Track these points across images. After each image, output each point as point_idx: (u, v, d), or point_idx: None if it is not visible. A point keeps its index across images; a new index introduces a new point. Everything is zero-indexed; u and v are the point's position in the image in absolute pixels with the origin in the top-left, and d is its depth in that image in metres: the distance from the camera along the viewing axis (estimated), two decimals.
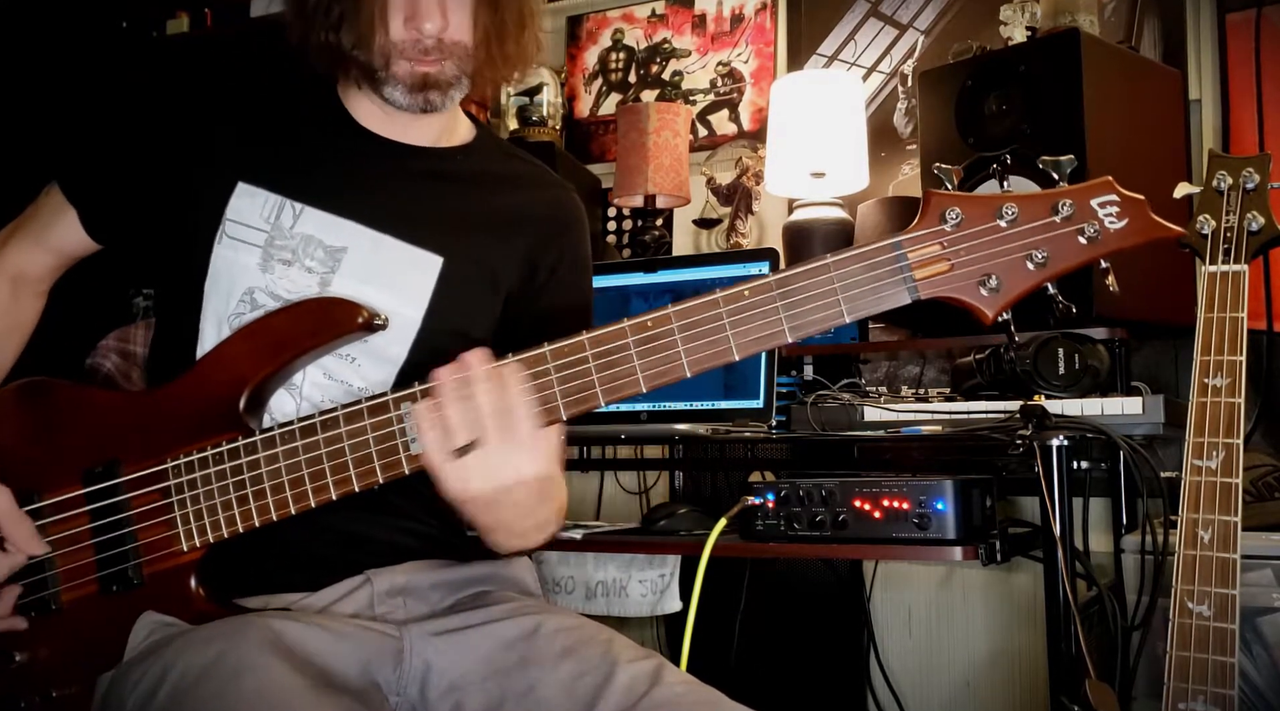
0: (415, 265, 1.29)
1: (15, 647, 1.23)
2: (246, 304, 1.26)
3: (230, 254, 1.26)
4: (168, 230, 1.31)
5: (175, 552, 1.19)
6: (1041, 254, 0.99)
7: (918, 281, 1.01)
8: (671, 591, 2.13)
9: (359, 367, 1.26)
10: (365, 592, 1.24)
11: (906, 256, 1.01)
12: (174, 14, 3.19)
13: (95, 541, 1.21)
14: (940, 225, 1.01)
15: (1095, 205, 0.98)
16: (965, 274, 1.00)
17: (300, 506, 1.16)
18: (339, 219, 1.27)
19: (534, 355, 1.09)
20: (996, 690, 2.39)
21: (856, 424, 1.92)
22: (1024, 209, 1.00)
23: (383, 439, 1.13)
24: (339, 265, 1.27)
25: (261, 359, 1.21)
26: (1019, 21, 2.30)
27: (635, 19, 2.99)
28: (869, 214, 2.42)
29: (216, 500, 1.18)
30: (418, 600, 1.26)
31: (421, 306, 1.29)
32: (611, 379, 1.07)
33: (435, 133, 1.35)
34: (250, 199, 1.27)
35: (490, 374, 1.06)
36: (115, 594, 1.20)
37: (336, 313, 1.21)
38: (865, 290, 1.02)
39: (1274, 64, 2.29)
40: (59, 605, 1.22)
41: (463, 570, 1.31)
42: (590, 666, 1.16)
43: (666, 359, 1.06)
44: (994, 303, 1.00)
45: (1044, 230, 0.99)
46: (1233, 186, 1.47)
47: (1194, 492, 1.41)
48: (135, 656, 1.13)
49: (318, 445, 1.15)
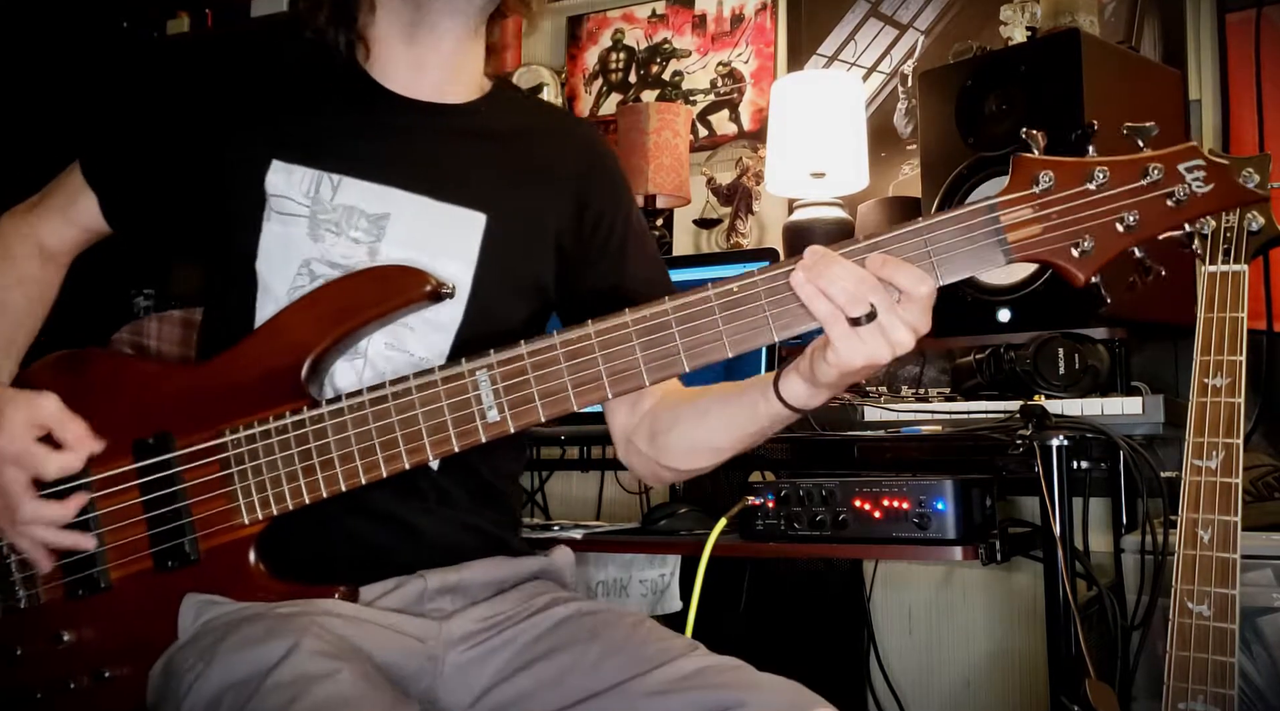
0: (459, 224, 1.28)
1: (64, 627, 1.20)
2: (305, 276, 1.24)
3: (280, 229, 1.24)
4: (207, 216, 1.29)
5: (235, 526, 1.17)
6: (1133, 216, 1.01)
7: (1011, 244, 1.02)
8: (671, 591, 2.14)
9: (418, 335, 1.25)
10: (416, 587, 1.21)
11: (999, 219, 1.02)
12: (174, 14, 3.20)
13: (148, 516, 1.19)
14: (1031, 188, 1.02)
15: (1183, 169, 1.00)
16: (1058, 236, 1.02)
17: (371, 476, 1.14)
18: (377, 186, 1.26)
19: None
20: (996, 690, 2.39)
21: (856, 424, 1.92)
22: (1115, 172, 1.01)
23: (458, 406, 1.12)
24: (384, 232, 1.25)
25: (324, 327, 1.19)
26: (1019, 21, 2.30)
27: (635, 19, 2.99)
28: (869, 214, 2.42)
29: (281, 471, 1.15)
30: (465, 597, 1.25)
31: (471, 265, 1.27)
32: (696, 343, 1.07)
33: (464, 86, 1.34)
34: (287, 176, 1.25)
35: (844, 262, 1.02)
36: (170, 570, 1.17)
37: (404, 281, 1.20)
38: (959, 252, 1.03)
39: (1274, 64, 2.29)
40: (109, 583, 1.19)
41: (514, 566, 1.30)
42: (616, 646, 1.15)
43: (753, 323, 1.06)
44: (1086, 265, 1.02)
45: (1134, 193, 1.01)
46: None
47: (1194, 492, 1.41)
48: (186, 639, 1.11)
49: (389, 413, 1.13)
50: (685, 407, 1.28)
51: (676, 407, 1.29)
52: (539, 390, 1.11)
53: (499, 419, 1.11)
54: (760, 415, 1.18)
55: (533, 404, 1.11)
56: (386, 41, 1.30)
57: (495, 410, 1.11)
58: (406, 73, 1.31)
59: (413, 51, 1.30)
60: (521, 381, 1.11)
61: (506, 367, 1.12)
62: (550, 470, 2.74)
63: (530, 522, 2.44)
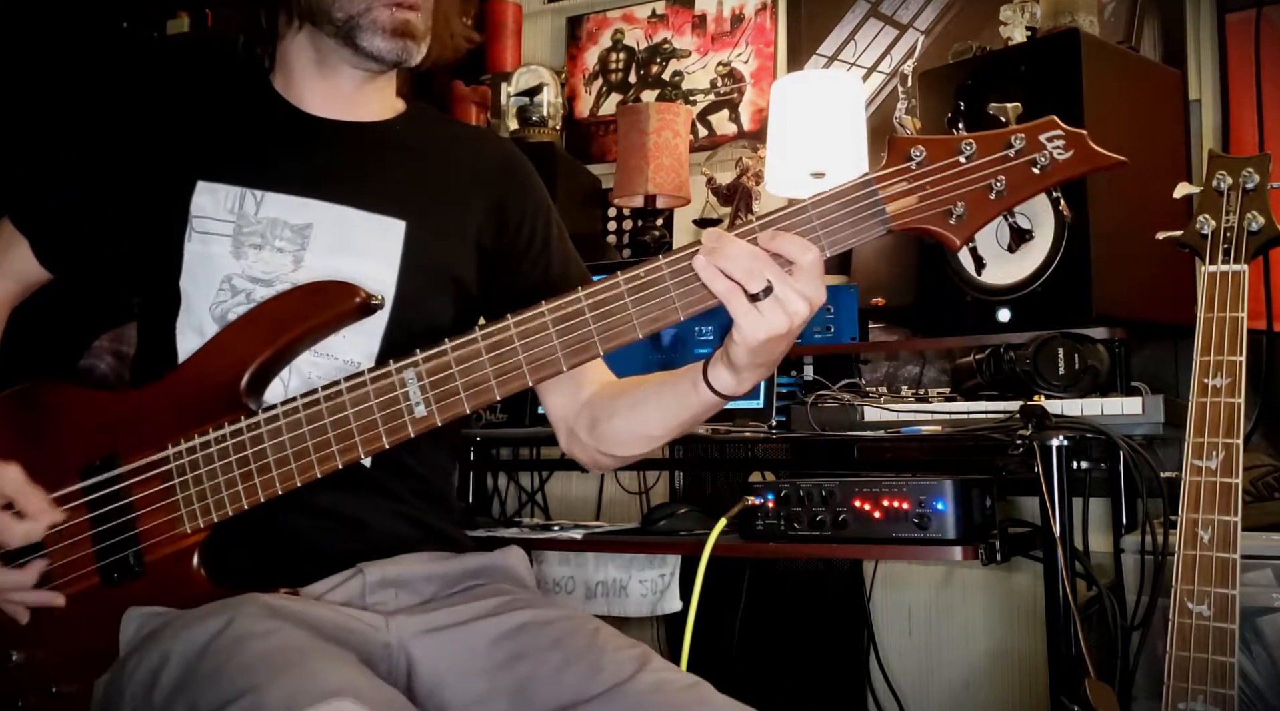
0: (380, 231, 1.33)
1: (12, 645, 1.23)
2: (226, 291, 1.29)
3: (201, 248, 1.29)
4: (136, 241, 1.34)
5: (178, 535, 1.20)
6: (1000, 183, 1.07)
7: (890, 215, 1.09)
8: (671, 591, 2.14)
9: (344, 338, 1.28)
10: (357, 583, 1.24)
11: (878, 192, 1.09)
12: (174, 14, 3.20)
13: (94, 532, 1.22)
14: (906, 163, 1.09)
15: (1044, 139, 1.07)
16: (933, 205, 1.09)
17: (306, 477, 1.17)
18: (299, 198, 1.31)
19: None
20: (996, 690, 2.39)
21: (856, 424, 1.92)
22: (981, 145, 1.08)
23: (387, 403, 1.16)
24: (308, 242, 1.30)
25: (261, 342, 1.22)
26: (1019, 21, 2.30)
27: (635, 19, 2.99)
28: None
29: (220, 478, 1.19)
30: (409, 592, 1.27)
31: (394, 269, 1.32)
32: (609, 326, 1.12)
33: (376, 109, 1.40)
34: (211, 195, 1.31)
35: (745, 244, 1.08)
36: (116, 584, 1.21)
37: (333, 295, 1.24)
38: (843, 226, 1.10)
39: (1274, 64, 2.29)
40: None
41: (456, 562, 1.32)
42: (577, 655, 1.17)
43: (661, 305, 1.11)
44: (961, 230, 1.08)
45: (1000, 162, 1.08)
46: (1233, 186, 1.47)
47: (1194, 492, 1.41)
48: (129, 649, 1.13)
49: (321, 415, 1.17)
50: (623, 398, 1.33)
51: (615, 398, 1.34)
52: (463, 383, 1.16)
53: (426, 413, 1.16)
54: (692, 403, 1.23)
55: (458, 396, 1.16)
56: (298, 70, 1.37)
57: (422, 405, 1.15)
58: (320, 98, 1.37)
59: (323, 83, 1.37)
60: (446, 376, 1.16)
61: (431, 363, 1.16)
62: (550, 470, 2.75)
63: (530, 522, 2.44)
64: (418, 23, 1.31)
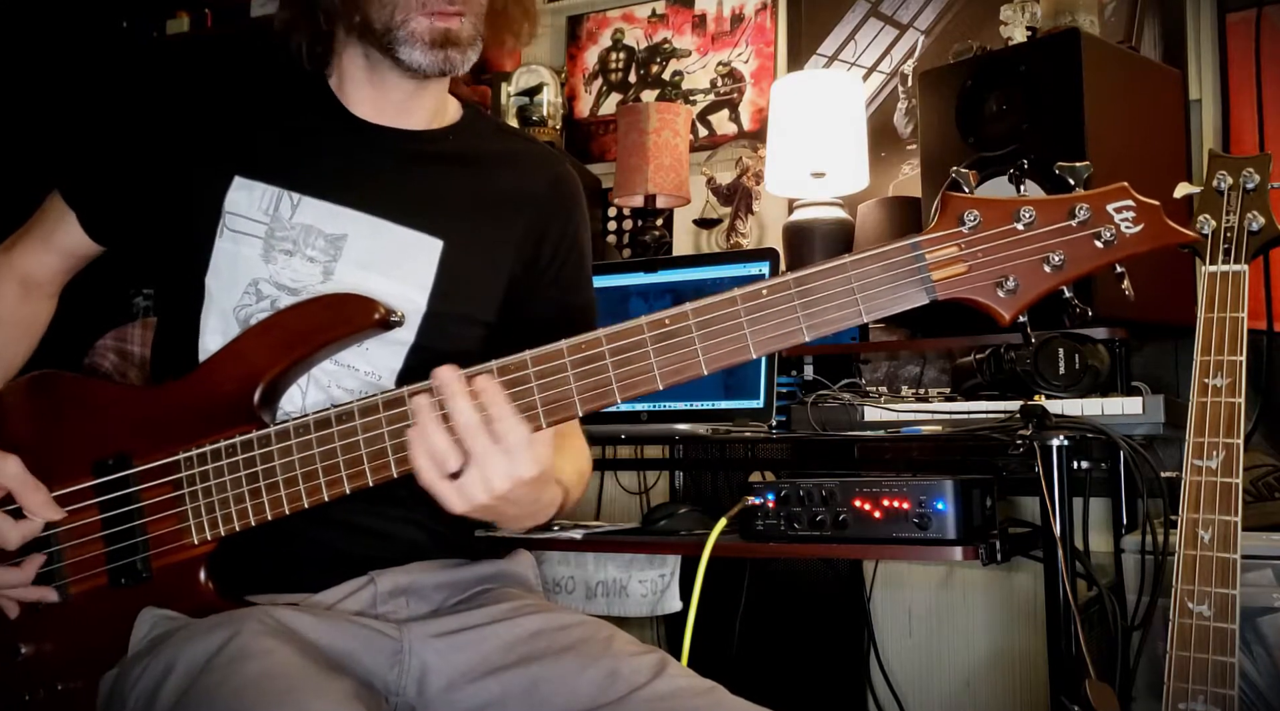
0: (416, 249, 1.29)
1: (21, 639, 1.22)
2: (251, 295, 1.26)
3: (231, 247, 1.27)
4: (168, 228, 1.32)
5: (185, 546, 1.19)
6: (1059, 256, 1.00)
7: (935, 282, 1.01)
8: (672, 591, 2.13)
9: (366, 352, 1.26)
10: (369, 592, 1.24)
11: (924, 257, 1.01)
12: (174, 14, 3.20)
13: (105, 533, 1.21)
14: (958, 227, 1.01)
15: (1111, 210, 0.99)
16: (983, 275, 1.01)
17: (313, 499, 1.15)
18: (336, 207, 1.28)
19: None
20: (996, 690, 2.39)
21: (856, 424, 1.91)
22: (1041, 212, 1.00)
23: (397, 433, 1.12)
24: (340, 253, 1.27)
25: (276, 354, 1.21)
26: (1019, 21, 2.30)
27: (635, 19, 2.99)
28: (869, 214, 2.42)
29: (229, 493, 1.18)
30: (420, 600, 1.26)
31: (425, 290, 1.29)
32: (629, 375, 1.07)
33: (428, 115, 1.36)
34: (248, 192, 1.27)
35: (466, 390, 1.05)
36: (123, 587, 1.20)
37: (352, 309, 1.21)
38: (883, 290, 1.02)
39: (1274, 64, 2.29)
40: (66, 597, 1.22)
41: (467, 570, 1.31)
42: (591, 661, 1.16)
43: (682, 356, 1.05)
44: (1011, 305, 1.01)
45: (1061, 233, 1.00)
46: (1233, 186, 1.47)
47: (1194, 492, 1.41)
48: (137, 652, 1.13)
49: (332, 438, 1.14)
50: None
51: None
52: None
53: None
54: None
55: None
56: (350, 73, 1.33)
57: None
58: (370, 103, 1.33)
59: (373, 90, 1.32)
60: None
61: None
62: None
63: None
64: (460, 30, 1.24)
